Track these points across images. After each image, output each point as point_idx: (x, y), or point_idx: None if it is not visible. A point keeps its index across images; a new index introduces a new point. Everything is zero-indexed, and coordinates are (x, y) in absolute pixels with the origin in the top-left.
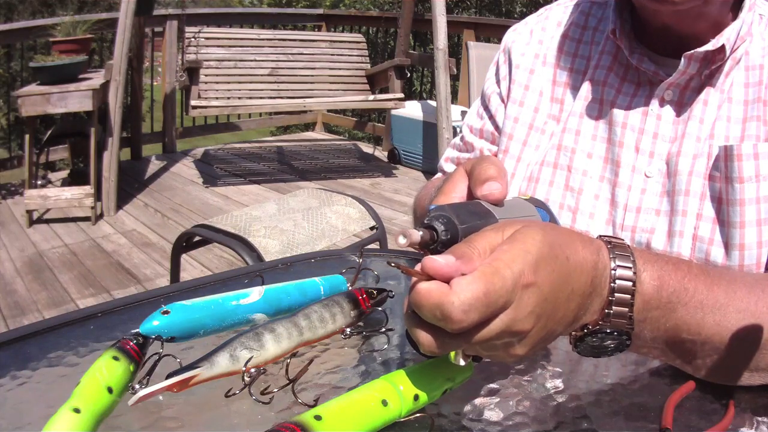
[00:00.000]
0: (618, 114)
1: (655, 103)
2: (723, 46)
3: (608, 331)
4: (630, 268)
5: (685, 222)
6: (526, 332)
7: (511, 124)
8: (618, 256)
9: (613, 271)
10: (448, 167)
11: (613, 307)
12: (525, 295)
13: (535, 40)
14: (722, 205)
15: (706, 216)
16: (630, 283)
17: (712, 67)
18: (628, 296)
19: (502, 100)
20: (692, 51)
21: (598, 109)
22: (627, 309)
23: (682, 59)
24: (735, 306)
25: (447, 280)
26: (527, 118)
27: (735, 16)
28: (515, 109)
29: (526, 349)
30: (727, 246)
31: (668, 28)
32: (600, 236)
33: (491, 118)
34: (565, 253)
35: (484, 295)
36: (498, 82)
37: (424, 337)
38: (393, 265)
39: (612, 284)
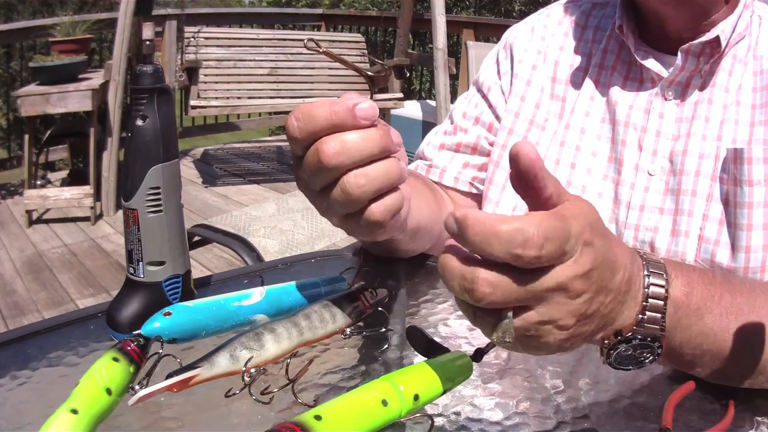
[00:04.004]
0: (621, 113)
1: (657, 100)
2: (717, 38)
3: (641, 337)
4: (662, 275)
5: (691, 222)
6: (578, 293)
7: (512, 119)
8: (650, 262)
9: (646, 278)
10: (431, 152)
11: (647, 313)
12: (585, 252)
13: (537, 36)
14: (729, 207)
15: (712, 217)
16: (663, 290)
17: (710, 60)
18: (661, 303)
19: (503, 94)
20: (688, 44)
21: (602, 109)
22: (660, 315)
23: (679, 53)
24: (757, 313)
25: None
26: (528, 113)
27: (729, 11)
28: (516, 104)
29: (573, 320)
30: (733, 248)
31: (661, 19)
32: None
33: (490, 107)
34: (610, 238)
35: (562, 229)
36: (499, 76)
37: (489, 279)
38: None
39: (646, 290)
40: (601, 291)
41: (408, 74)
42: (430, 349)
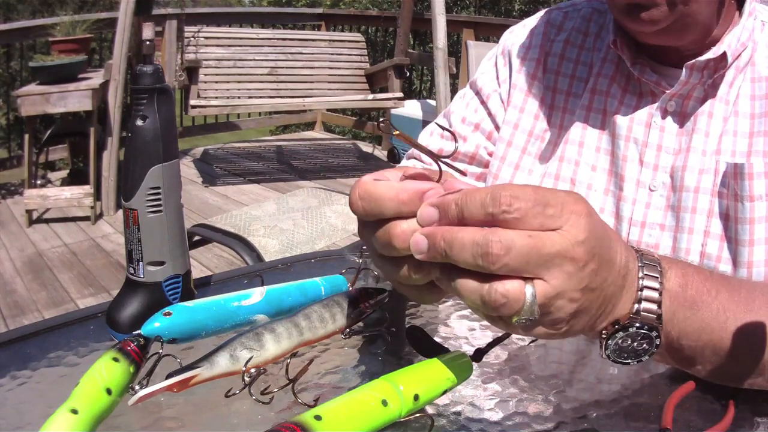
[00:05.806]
0: (621, 127)
1: (657, 114)
2: (724, 54)
3: (638, 325)
4: (656, 267)
5: (692, 240)
6: (584, 262)
7: (510, 130)
8: (643, 255)
9: (641, 269)
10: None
11: (642, 303)
12: (581, 221)
13: (536, 44)
14: (730, 222)
15: (713, 233)
16: (657, 283)
17: (714, 75)
18: (656, 294)
19: (502, 103)
20: (693, 60)
21: (601, 120)
22: (656, 306)
23: (684, 69)
24: (755, 312)
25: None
26: (527, 125)
27: (731, 20)
28: (515, 115)
29: (580, 292)
30: (735, 263)
31: (662, 49)
32: None
33: (490, 116)
34: (605, 223)
35: (533, 191)
36: (498, 83)
37: (501, 240)
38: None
39: (640, 281)
40: (603, 264)
41: (408, 74)
42: (430, 349)
